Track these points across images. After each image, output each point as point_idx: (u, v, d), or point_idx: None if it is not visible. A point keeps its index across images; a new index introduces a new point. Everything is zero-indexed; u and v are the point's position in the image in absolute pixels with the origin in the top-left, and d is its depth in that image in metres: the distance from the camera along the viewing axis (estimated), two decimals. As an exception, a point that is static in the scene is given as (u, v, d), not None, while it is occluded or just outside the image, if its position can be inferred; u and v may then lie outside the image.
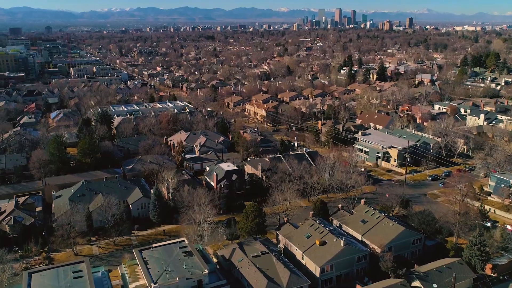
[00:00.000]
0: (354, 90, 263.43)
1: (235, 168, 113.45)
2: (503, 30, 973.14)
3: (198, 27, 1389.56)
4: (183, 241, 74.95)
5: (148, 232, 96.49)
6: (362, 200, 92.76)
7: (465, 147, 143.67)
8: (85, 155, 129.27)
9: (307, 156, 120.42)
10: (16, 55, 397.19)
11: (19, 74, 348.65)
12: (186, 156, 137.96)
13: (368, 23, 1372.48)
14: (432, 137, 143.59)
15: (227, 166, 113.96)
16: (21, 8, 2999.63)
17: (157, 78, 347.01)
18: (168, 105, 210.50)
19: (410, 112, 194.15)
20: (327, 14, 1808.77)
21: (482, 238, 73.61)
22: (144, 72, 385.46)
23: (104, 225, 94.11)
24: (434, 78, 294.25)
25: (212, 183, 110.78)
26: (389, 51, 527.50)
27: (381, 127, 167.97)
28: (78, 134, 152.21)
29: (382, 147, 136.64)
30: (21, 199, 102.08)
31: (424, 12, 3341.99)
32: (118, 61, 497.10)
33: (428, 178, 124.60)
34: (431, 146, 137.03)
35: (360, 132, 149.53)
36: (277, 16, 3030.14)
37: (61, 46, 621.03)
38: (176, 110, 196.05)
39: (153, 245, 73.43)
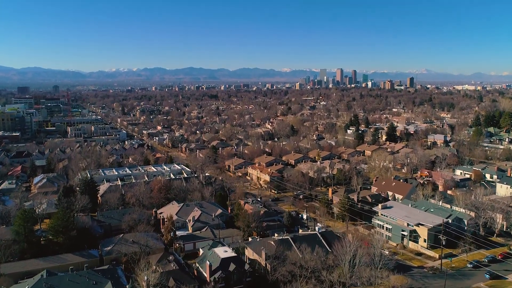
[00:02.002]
0: (364, 151, 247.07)
1: (233, 255, 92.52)
2: (503, 89, 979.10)
3: (202, 86, 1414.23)
4: None
5: None
6: (399, 309, 70.96)
7: (504, 223, 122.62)
8: (57, 233, 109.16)
9: (321, 239, 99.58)
10: (13, 113, 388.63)
11: (14, 134, 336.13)
12: (177, 233, 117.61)
13: (370, 82, 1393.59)
14: (464, 211, 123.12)
15: (223, 252, 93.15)
16: (32, 68, 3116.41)
17: (156, 138, 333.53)
18: (164, 169, 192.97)
19: (430, 179, 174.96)
20: (329, 74, 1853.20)
21: None
22: (144, 131, 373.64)
23: (61, 338, 72.16)
24: (448, 138, 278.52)
25: (205, 274, 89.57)
26: (394, 110, 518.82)
27: (401, 197, 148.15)
28: (57, 204, 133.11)
29: (408, 224, 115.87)
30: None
31: (423, 72, 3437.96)
32: (119, 119, 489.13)
33: (469, 265, 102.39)
34: (466, 223, 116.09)
35: (380, 205, 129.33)
36: (280, 76, 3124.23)
37: (62, 104, 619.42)
38: (172, 174, 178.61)
39: None
